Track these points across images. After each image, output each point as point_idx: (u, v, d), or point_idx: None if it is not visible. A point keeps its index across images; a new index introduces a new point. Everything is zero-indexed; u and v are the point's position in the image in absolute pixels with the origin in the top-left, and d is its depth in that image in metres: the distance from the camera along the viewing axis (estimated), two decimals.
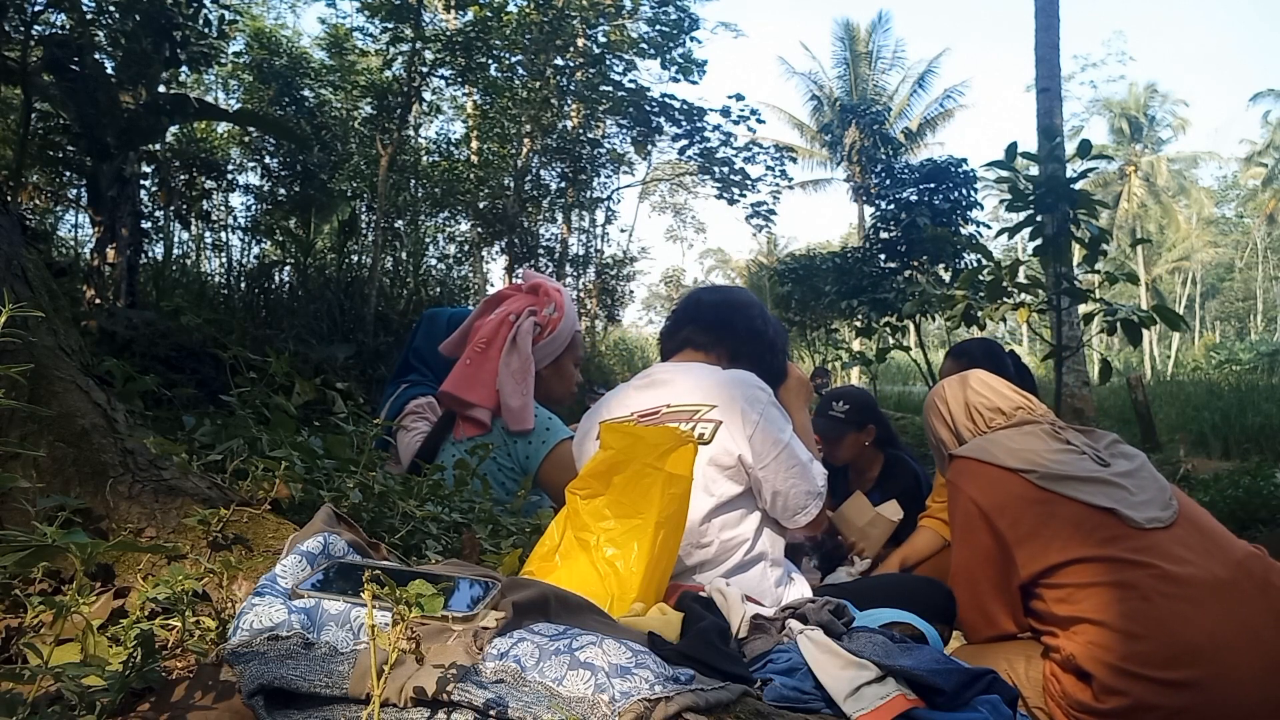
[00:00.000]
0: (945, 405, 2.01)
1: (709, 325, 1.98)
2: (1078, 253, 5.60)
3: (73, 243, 9.16)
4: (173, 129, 8.08)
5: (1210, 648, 1.49)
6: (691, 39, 12.30)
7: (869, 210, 15.25)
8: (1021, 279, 5.93)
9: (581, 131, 12.71)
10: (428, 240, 12.48)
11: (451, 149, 13.32)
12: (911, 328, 10.78)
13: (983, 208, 12.05)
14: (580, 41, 12.01)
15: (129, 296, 5.27)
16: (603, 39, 12.21)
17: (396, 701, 0.87)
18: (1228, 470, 6.41)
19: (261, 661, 0.91)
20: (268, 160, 10.22)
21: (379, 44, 10.37)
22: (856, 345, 11.84)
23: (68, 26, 5.35)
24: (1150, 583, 1.55)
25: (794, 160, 14.34)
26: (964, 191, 11.37)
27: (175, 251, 9.47)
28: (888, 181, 12.23)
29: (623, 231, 26.76)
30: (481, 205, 11.90)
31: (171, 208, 8.45)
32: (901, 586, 2.10)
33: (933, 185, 11.42)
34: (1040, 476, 1.69)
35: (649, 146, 13.59)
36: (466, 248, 12.68)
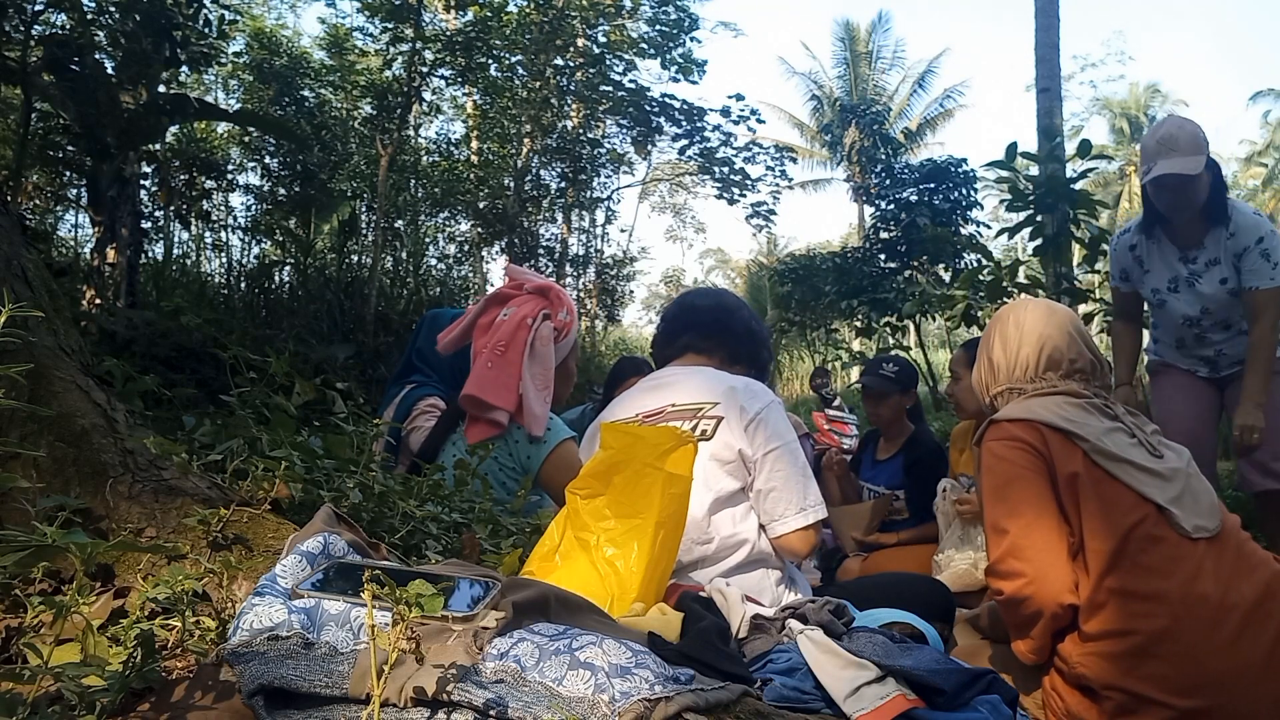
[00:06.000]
0: (1017, 332, 1.75)
1: (708, 331, 2.03)
2: (1078, 253, 5.61)
3: (73, 243, 9.16)
4: (173, 129, 8.08)
5: (1230, 677, 1.41)
6: (691, 39, 12.30)
7: (869, 210, 15.23)
8: (1021, 279, 5.94)
9: (581, 131, 12.69)
10: (428, 240, 12.47)
11: (451, 149, 13.31)
12: (911, 328, 10.79)
13: (983, 208, 12.06)
14: (580, 41, 12.00)
15: (129, 296, 5.27)
16: (603, 39, 12.20)
17: (396, 701, 0.87)
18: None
19: (261, 661, 0.91)
20: (268, 160, 10.21)
21: (379, 44, 10.37)
22: (856, 345, 11.85)
23: (68, 26, 5.35)
24: (1182, 600, 1.44)
25: (794, 160, 14.31)
26: (964, 191, 11.38)
27: (175, 251, 9.47)
28: (888, 181, 12.24)
29: (623, 231, 26.68)
30: (481, 205, 11.90)
31: (171, 208, 8.45)
32: (901, 586, 2.10)
33: (933, 185, 11.42)
34: (1092, 448, 1.54)
35: (649, 146, 13.57)
36: (466, 248, 12.67)
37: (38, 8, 4.93)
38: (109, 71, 5.22)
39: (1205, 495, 1.56)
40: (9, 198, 5.06)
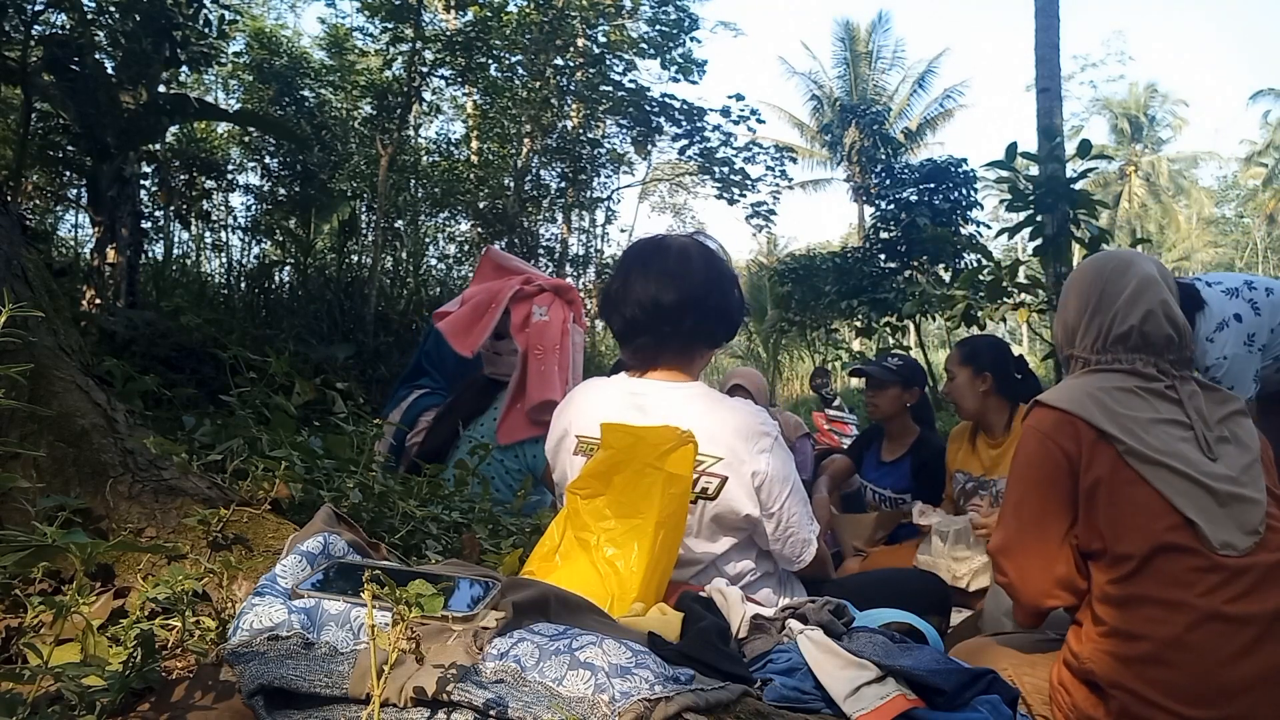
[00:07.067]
0: (1096, 295, 1.62)
1: (689, 340, 1.74)
2: (1078, 253, 5.60)
3: (73, 243, 9.16)
4: (173, 129, 8.08)
5: (1243, 689, 1.40)
6: (691, 39, 12.29)
7: (869, 210, 15.24)
8: (1021, 279, 5.94)
9: (581, 131, 12.68)
10: (428, 240, 12.47)
11: (451, 149, 13.31)
12: (911, 328, 10.79)
13: (983, 208, 12.04)
14: (580, 41, 11.99)
15: (129, 296, 5.27)
16: (603, 39, 12.18)
17: (396, 701, 0.87)
18: None
19: (261, 661, 0.91)
20: (268, 160, 10.22)
21: (379, 44, 10.38)
22: (856, 345, 11.85)
23: (68, 26, 5.35)
24: (1200, 613, 1.42)
25: (794, 160, 14.28)
26: (964, 191, 11.37)
27: (175, 251, 9.49)
28: (888, 181, 12.23)
29: (623, 231, 26.56)
30: (481, 205, 11.89)
31: (171, 208, 8.45)
32: (896, 580, 2.09)
33: (933, 185, 11.42)
34: (1126, 449, 1.48)
35: (649, 146, 13.56)
36: (466, 248, 12.66)
37: (38, 8, 4.93)
38: (109, 71, 5.22)
39: (1250, 507, 1.47)
40: (9, 198, 5.06)
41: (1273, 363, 2.83)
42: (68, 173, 7.29)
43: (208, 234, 10.58)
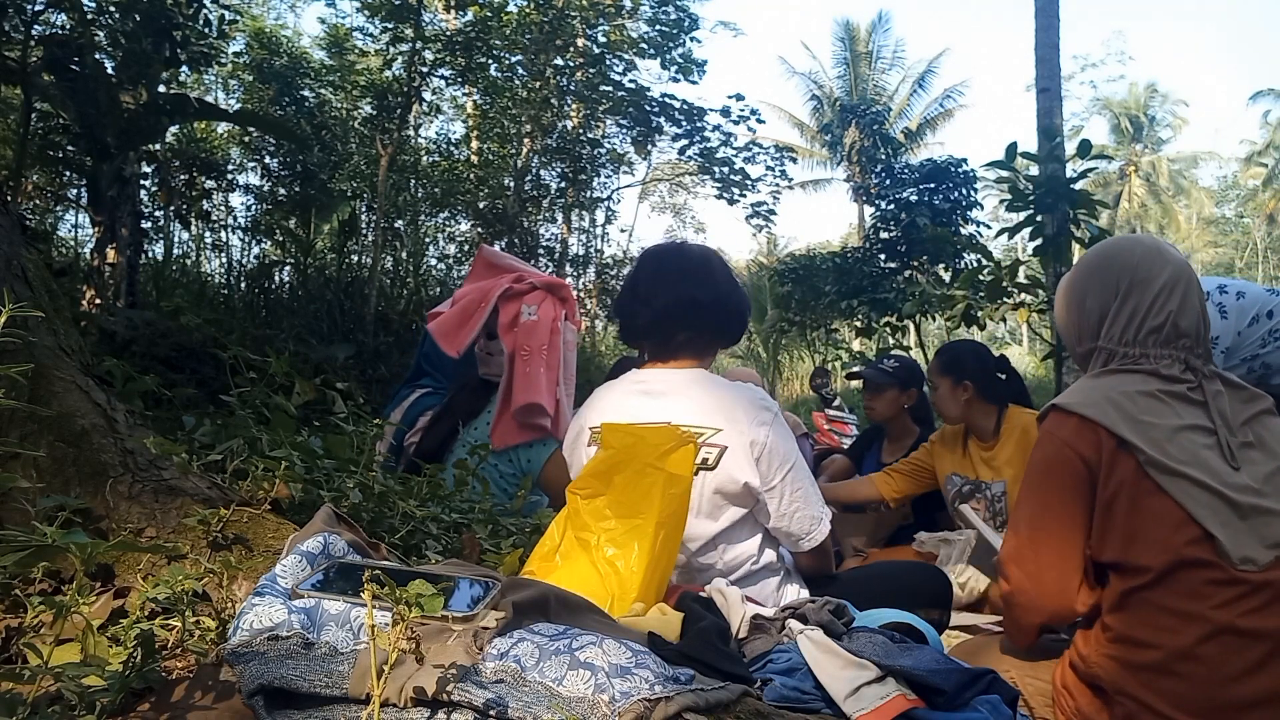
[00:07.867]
0: (1127, 280, 1.53)
1: (717, 332, 1.86)
2: (1078, 252, 5.60)
3: (73, 243, 9.17)
4: (173, 129, 8.08)
5: (1251, 705, 1.37)
6: (691, 39, 12.30)
7: (869, 210, 15.25)
8: (1021, 279, 5.94)
9: (581, 131, 12.68)
10: (428, 240, 12.49)
11: (451, 149, 13.32)
12: (911, 328, 10.78)
13: (983, 208, 12.05)
14: (580, 41, 11.99)
15: (129, 296, 5.28)
16: (603, 39, 12.19)
17: (396, 701, 0.87)
18: None
19: (261, 661, 0.91)
20: (268, 160, 10.22)
21: (379, 44, 10.39)
22: (856, 345, 11.83)
23: (68, 26, 5.36)
24: (1213, 625, 1.38)
25: (794, 160, 14.28)
26: (964, 191, 11.38)
27: (175, 251, 9.50)
28: (888, 181, 12.24)
29: (623, 231, 26.57)
30: (481, 205, 11.89)
31: (171, 208, 8.46)
32: (897, 574, 2.09)
33: (933, 185, 11.43)
34: (1147, 460, 1.41)
35: (649, 146, 13.57)
36: (466, 248, 12.66)
37: (38, 8, 4.93)
38: (109, 71, 5.22)
39: (1272, 520, 1.41)
40: (9, 198, 5.06)
41: (1241, 364, 2.79)
42: (68, 173, 7.29)
43: (208, 234, 10.59)
